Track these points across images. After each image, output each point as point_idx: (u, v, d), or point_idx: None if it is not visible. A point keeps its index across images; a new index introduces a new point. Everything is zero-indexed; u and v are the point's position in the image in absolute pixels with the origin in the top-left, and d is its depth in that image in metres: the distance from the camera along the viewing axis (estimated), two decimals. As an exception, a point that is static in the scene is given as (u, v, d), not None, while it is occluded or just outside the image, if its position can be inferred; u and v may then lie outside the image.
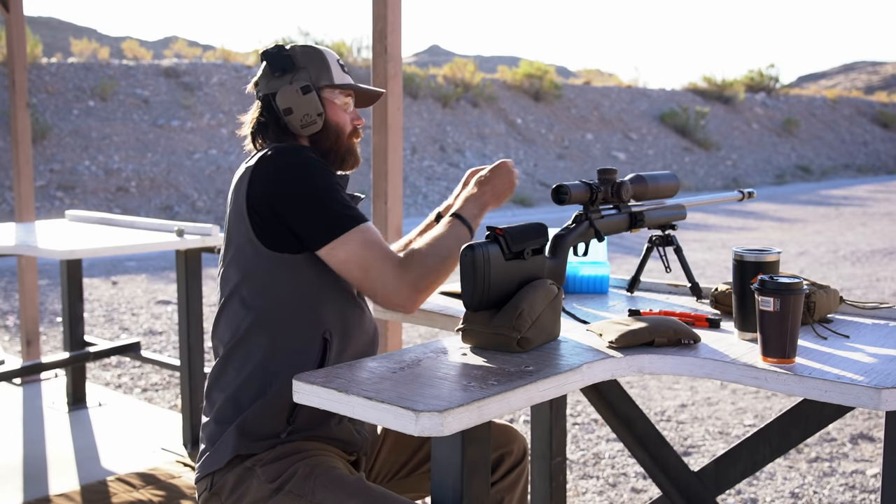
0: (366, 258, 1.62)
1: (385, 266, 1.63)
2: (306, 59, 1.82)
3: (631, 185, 1.93)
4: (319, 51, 1.84)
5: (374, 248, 1.62)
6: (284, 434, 1.63)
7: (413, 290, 1.64)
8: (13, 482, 3.02)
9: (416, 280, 1.63)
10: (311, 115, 1.77)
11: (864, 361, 1.49)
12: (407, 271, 1.63)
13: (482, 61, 33.05)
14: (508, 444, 1.82)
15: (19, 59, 4.39)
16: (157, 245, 3.22)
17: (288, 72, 1.81)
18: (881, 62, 56.48)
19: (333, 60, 1.85)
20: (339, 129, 1.81)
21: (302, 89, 1.77)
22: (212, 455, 1.64)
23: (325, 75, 1.82)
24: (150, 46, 31.29)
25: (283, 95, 1.78)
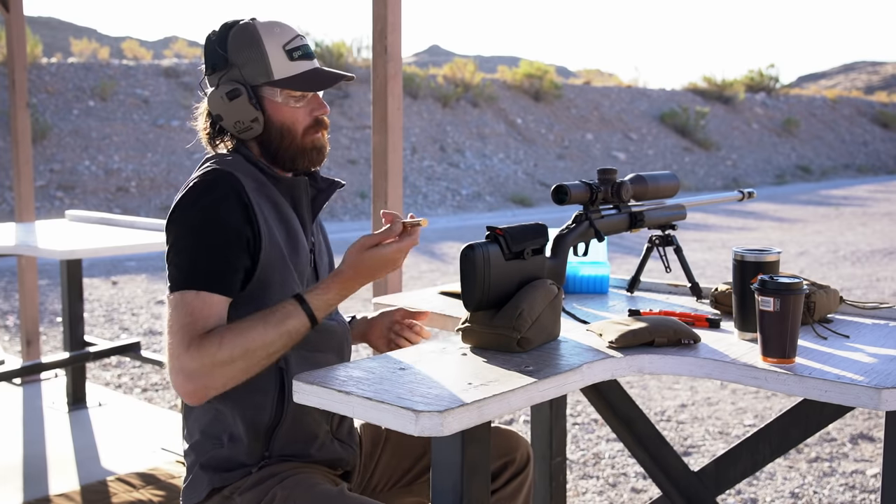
0: (170, 321, 1.45)
1: (175, 337, 1.42)
2: (238, 51, 1.60)
3: (631, 185, 1.93)
4: (255, 38, 1.59)
5: (179, 313, 1.44)
6: (260, 465, 1.58)
7: (190, 377, 1.40)
8: (13, 482, 3.02)
9: (201, 367, 1.40)
10: (244, 121, 1.60)
11: (864, 361, 1.49)
12: (195, 352, 1.41)
13: (482, 61, 33.05)
14: (512, 452, 1.79)
15: (19, 59, 4.39)
16: (158, 245, 3.22)
17: (217, 70, 1.63)
18: (881, 62, 56.47)
19: (276, 47, 1.60)
20: (285, 130, 1.62)
21: (227, 95, 1.59)
22: (190, 486, 1.61)
23: (261, 70, 1.60)
24: (150, 46, 31.28)
25: (211, 101, 1.63)
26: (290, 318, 1.47)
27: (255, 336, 1.44)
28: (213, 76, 1.63)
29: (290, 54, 1.62)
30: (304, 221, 1.66)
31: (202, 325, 1.44)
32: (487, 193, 16.92)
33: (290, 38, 1.63)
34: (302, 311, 1.48)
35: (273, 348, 1.45)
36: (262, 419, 1.57)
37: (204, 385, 1.42)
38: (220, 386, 1.43)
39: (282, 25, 1.64)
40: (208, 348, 1.41)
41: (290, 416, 1.58)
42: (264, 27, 1.62)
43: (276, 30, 1.62)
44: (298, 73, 1.61)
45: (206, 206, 1.50)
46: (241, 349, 1.42)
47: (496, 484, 1.76)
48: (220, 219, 1.49)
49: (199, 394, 1.43)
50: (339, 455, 1.66)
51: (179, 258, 1.48)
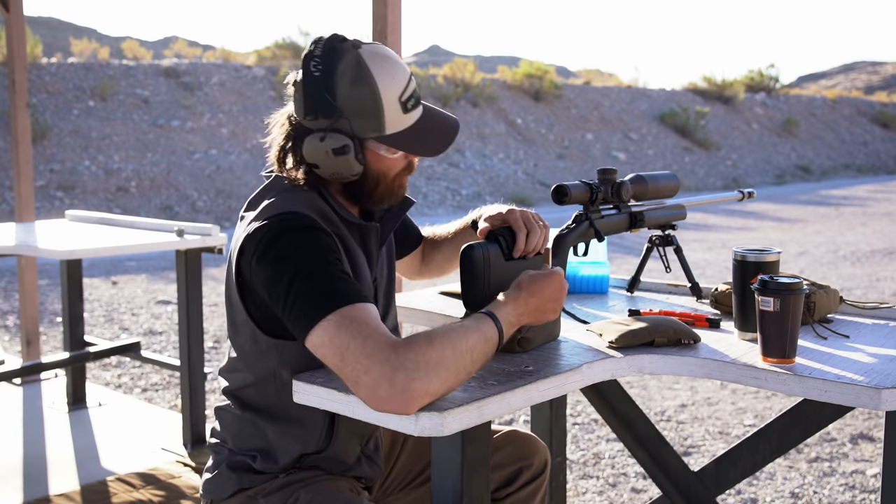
0: (342, 338, 1.29)
1: (368, 346, 1.27)
2: (350, 101, 1.45)
3: (631, 185, 1.93)
4: (371, 88, 1.45)
5: (353, 328, 1.29)
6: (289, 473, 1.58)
7: (407, 384, 1.24)
8: (13, 482, 3.02)
9: (413, 371, 1.24)
10: (343, 174, 1.49)
11: (864, 361, 1.49)
12: (406, 351, 1.26)
13: (482, 61, 33.05)
14: (529, 458, 1.78)
15: (19, 59, 4.39)
16: (157, 245, 3.22)
17: (323, 116, 1.46)
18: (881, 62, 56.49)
19: (392, 100, 1.47)
20: (381, 177, 1.53)
21: (334, 151, 1.45)
22: (215, 481, 1.60)
23: (374, 126, 1.47)
24: (150, 46, 31.30)
25: (309, 149, 1.48)
26: (482, 323, 1.37)
27: (458, 337, 1.31)
28: (316, 122, 1.47)
29: (404, 106, 1.49)
30: (370, 258, 1.61)
31: (385, 329, 1.31)
32: (487, 193, 16.92)
33: (405, 85, 1.49)
34: (489, 318, 1.38)
35: (475, 354, 1.33)
36: (307, 450, 1.55)
37: (425, 385, 1.24)
38: (435, 390, 1.26)
39: (395, 65, 1.49)
40: (419, 346, 1.27)
41: (332, 448, 1.57)
42: (378, 69, 1.46)
43: (393, 75, 1.48)
44: (410, 127, 1.51)
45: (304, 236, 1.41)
46: (450, 348, 1.29)
47: (511, 488, 1.75)
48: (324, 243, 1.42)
49: (417, 396, 1.24)
50: (366, 474, 1.66)
51: (309, 285, 1.35)
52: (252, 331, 1.51)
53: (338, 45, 1.47)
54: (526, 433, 1.84)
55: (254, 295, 1.47)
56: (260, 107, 17.05)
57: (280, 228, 1.42)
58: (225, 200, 13.85)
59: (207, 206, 13.62)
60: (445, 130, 1.56)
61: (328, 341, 1.30)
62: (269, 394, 1.54)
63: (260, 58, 20.07)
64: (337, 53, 1.46)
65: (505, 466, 1.75)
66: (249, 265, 1.43)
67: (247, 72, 18.04)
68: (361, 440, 1.64)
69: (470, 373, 1.32)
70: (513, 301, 1.43)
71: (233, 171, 14.75)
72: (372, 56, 1.47)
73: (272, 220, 1.43)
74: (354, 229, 1.57)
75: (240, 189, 14.24)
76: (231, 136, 15.87)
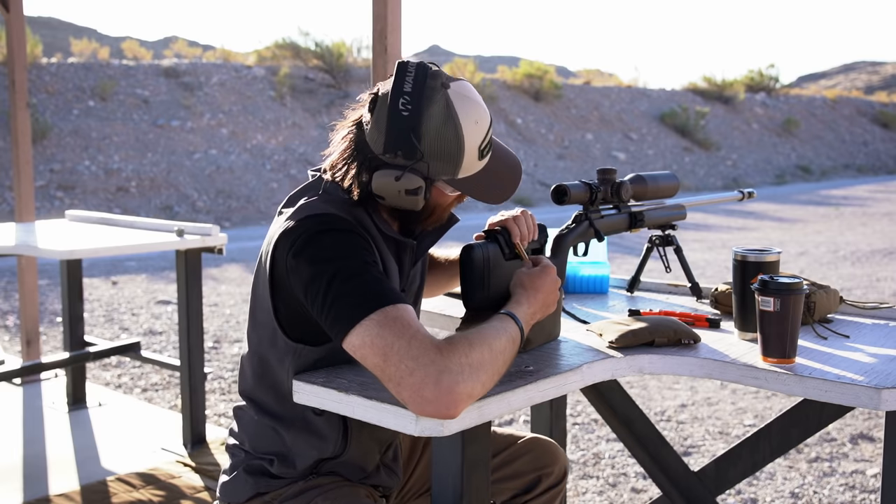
0: (385, 339, 1.27)
1: (413, 348, 1.25)
2: (435, 145, 1.42)
3: (631, 185, 1.93)
4: (457, 136, 1.42)
5: (396, 328, 1.27)
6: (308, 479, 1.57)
7: (452, 387, 1.23)
8: (13, 482, 3.02)
9: (457, 374, 1.23)
10: (405, 207, 1.47)
11: (864, 361, 1.49)
12: (450, 354, 1.25)
13: (482, 61, 33.06)
14: (549, 466, 1.78)
15: (19, 59, 4.39)
16: (157, 245, 3.22)
17: (404, 156, 1.42)
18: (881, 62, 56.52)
19: (473, 147, 1.44)
20: (437, 208, 1.54)
21: (407, 192, 1.43)
22: (231, 485, 1.59)
23: (450, 170, 1.45)
24: (150, 46, 31.30)
25: (380, 183, 1.44)
26: (507, 324, 1.38)
27: (493, 338, 1.32)
28: (395, 159, 1.42)
29: (481, 153, 1.47)
30: (403, 270, 1.59)
31: (426, 332, 1.29)
32: (487, 193, 16.91)
33: (486, 132, 1.46)
34: (510, 319, 1.39)
35: (506, 355, 1.33)
36: (322, 456, 1.55)
37: (469, 388, 1.23)
38: (478, 392, 1.26)
39: (480, 112, 1.46)
40: (461, 348, 1.26)
41: (348, 453, 1.56)
42: (465, 116, 1.43)
43: (477, 122, 1.45)
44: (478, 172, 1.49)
45: (342, 236, 1.40)
46: (488, 350, 1.29)
47: (529, 496, 1.75)
48: (362, 245, 1.40)
49: (462, 399, 1.23)
50: (385, 483, 1.65)
51: (350, 285, 1.33)
52: (273, 331, 1.49)
53: (430, 81, 1.43)
54: (547, 440, 1.83)
55: (284, 292, 1.44)
56: (260, 107, 17.05)
57: (318, 228, 1.40)
58: (225, 200, 13.85)
59: (207, 206, 13.62)
60: (511, 177, 1.54)
61: (370, 342, 1.28)
62: (283, 395, 1.53)
63: (260, 58, 20.07)
64: (427, 93, 1.42)
65: (525, 474, 1.75)
66: (284, 262, 1.41)
67: (247, 72, 18.04)
68: (381, 448, 1.62)
69: (502, 374, 1.33)
70: (526, 300, 1.46)
71: (233, 171, 14.75)
72: (460, 99, 1.44)
73: (310, 220, 1.42)
74: (391, 242, 1.55)
75: (240, 189, 14.24)
76: (231, 136, 15.87)
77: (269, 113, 16.96)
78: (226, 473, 1.62)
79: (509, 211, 1.66)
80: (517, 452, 1.76)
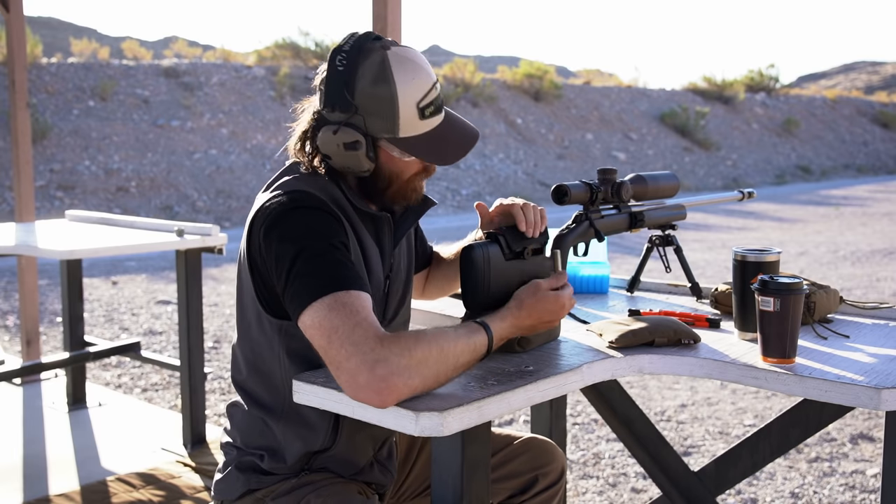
0: (332, 321, 1.30)
1: (357, 334, 1.28)
2: (367, 99, 1.45)
3: (631, 185, 1.93)
4: (389, 88, 1.44)
5: (343, 313, 1.30)
6: (300, 475, 1.58)
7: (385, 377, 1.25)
8: (13, 482, 3.02)
9: (394, 366, 1.25)
10: (354, 169, 1.50)
11: (864, 361, 1.49)
12: (392, 345, 1.27)
13: (482, 61, 33.05)
14: (547, 465, 1.77)
15: (19, 59, 4.39)
16: (157, 245, 3.22)
17: (339, 110, 1.47)
18: (881, 62, 56.52)
19: (410, 104, 1.46)
20: (393, 177, 1.54)
21: (345, 145, 1.46)
22: (224, 482, 1.60)
23: (388, 127, 1.47)
24: (150, 46, 31.29)
25: (323, 139, 1.48)
26: (475, 333, 1.38)
27: (448, 340, 1.33)
28: (332, 114, 1.47)
29: (421, 112, 1.48)
30: (383, 250, 1.60)
31: (374, 321, 1.31)
32: (487, 193, 16.92)
33: (426, 93, 1.48)
34: (482, 329, 1.39)
35: (461, 360, 1.34)
36: (311, 448, 1.55)
37: (404, 381, 1.25)
38: (413, 387, 1.27)
39: (419, 70, 1.48)
40: (406, 342, 1.28)
41: (339, 446, 1.56)
42: (400, 72, 1.46)
43: (414, 79, 1.47)
44: (425, 133, 1.50)
45: (311, 216, 1.42)
46: (437, 349, 1.30)
47: (525, 496, 1.74)
48: (330, 225, 1.43)
49: (395, 391, 1.25)
50: (378, 480, 1.65)
51: (309, 265, 1.36)
52: (257, 311, 1.51)
53: (368, 43, 1.48)
54: (544, 440, 1.83)
55: (260, 269, 1.47)
56: (260, 107, 17.05)
57: (289, 206, 1.43)
58: (225, 200, 13.85)
59: (207, 206, 13.62)
60: (462, 141, 1.55)
61: (318, 323, 1.31)
62: (274, 385, 1.54)
63: (260, 58, 20.07)
64: (364, 51, 1.47)
65: (522, 474, 1.75)
66: (258, 240, 1.45)
67: (247, 72, 18.04)
68: (375, 444, 1.63)
69: (451, 378, 1.34)
70: (512, 317, 1.45)
71: (233, 171, 14.75)
72: (398, 58, 1.47)
73: (282, 197, 1.45)
74: (368, 220, 1.57)
75: (240, 189, 14.24)
76: (231, 136, 15.87)
77: (269, 113, 16.96)
78: (219, 472, 1.63)
79: (518, 199, 1.66)
80: (514, 452, 1.76)
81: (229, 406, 1.64)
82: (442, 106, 1.54)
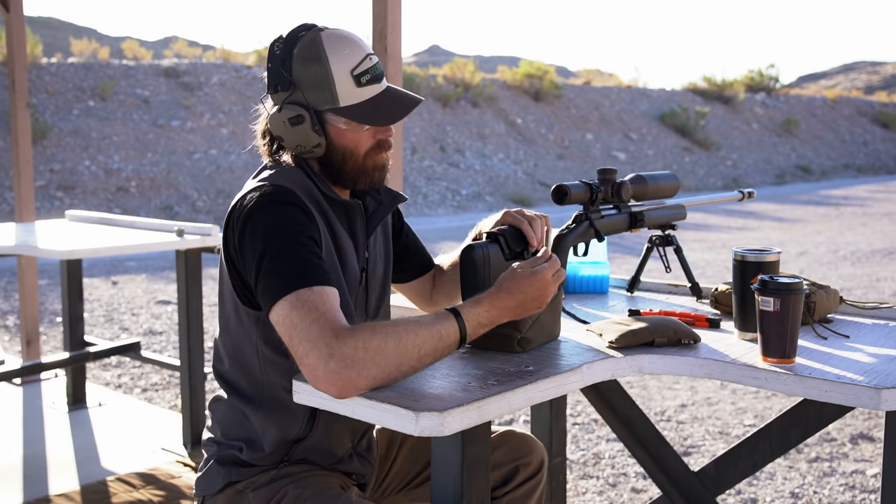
0: (292, 319, 1.35)
1: (315, 330, 1.32)
2: (303, 73, 1.53)
3: (631, 185, 1.93)
4: (322, 61, 1.52)
5: (304, 310, 1.34)
6: (279, 466, 1.59)
7: (346, 364, 1.29)
8: (13, 482, 3.02)
9: (348, 360, 1.29)
10: (306, 146, 1.55)
11: (864, 361, 1.49)
12: (348, 338, 1.31)
13: (482, 61, 33.05)
14: (526, 456, 1.78)
15: (19, 59, 4.39)
16: (157, 245, 3.22)
17: (280, 90, 1.55)
18: (881, 62, 56.52)
19: (343, 72, 1.52)
20: (347, 153, 1.57)
21: (290, 121, 1.53)
22: (205, 477, 1.62)
23: (327, 97, 1.53)
24: (150, 46, 31.29)
25: (273, 122, 1.56)
26: (440, 320, 1.38)
27: (407, 329, 1.35)
28: (276, 96, 1.55)
29: (357, 80, 1.53)
30: (357, 241, 1.63)
31: (334, 315, 1.35)
32: (487, 193, 16.92)
33: (359, 62, 1.54)
34: (451, 316, 1.40)
35: (424, 349, 1.35)
36: (288, 436, 1.57)
37: (358, 374, 1.29)
38: (372, 378, 1.31)
39: (350, 43, 1.55)
40: (361, 335, 1.31)
41: (316, 434, 1.58)
42: (332, 46, 1.53)
43: (345, 51, 1.53)
44: (365, 101, 1.54)
45: (280, 211, 1.46)
46: (394, 339, 1.32)
47: (507, 487, 1.75)
48: (299, 221, 1.46)
49: (350, 383, 1.30)
50: (357, 470, 1.67)
51: (275, 263, 1.40)
52: (235, 303, 1.55)
53: (303, 30, 1.57)
54: (522, 433, 1.84)
55: (235, 262, 1.52)
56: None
57: (259, 202, 1.47)
58: (225, 200, 13.85)
59: (207, 206, 13.62)
60: (402, 103, 1.59)
61: (282, 320, 1.37)
62: (253, 375, 1.56)
63: (260, 58, 20.05)
64: (298, 35, 1.55)
65: (502, 466, 1.76)
66: (233, 235, 1.50)
67: (247, 72, 18.04)
68: (353, 436, 1.65)
69: (416, 368, 1.36)
70: (488, 300, 1.44)
71: (233, 171, 14.75)
72: (329, 36, 1.55)
73: (254, 192, 1.50)
74: (339, 208, 1.60)
75: (240, 189, 14.22)
76: (231, 136, 15.87)
77: (269, 113, 16.94)
78: (200, 469, 1.65)
79: (528, 211, 1.68)
80: (493, 445, 1.76)
81: (211, 402, 1.67)
82: (381, 77, 1.59)
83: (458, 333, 1.39)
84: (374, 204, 1.68)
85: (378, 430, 1.81)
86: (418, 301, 1.91)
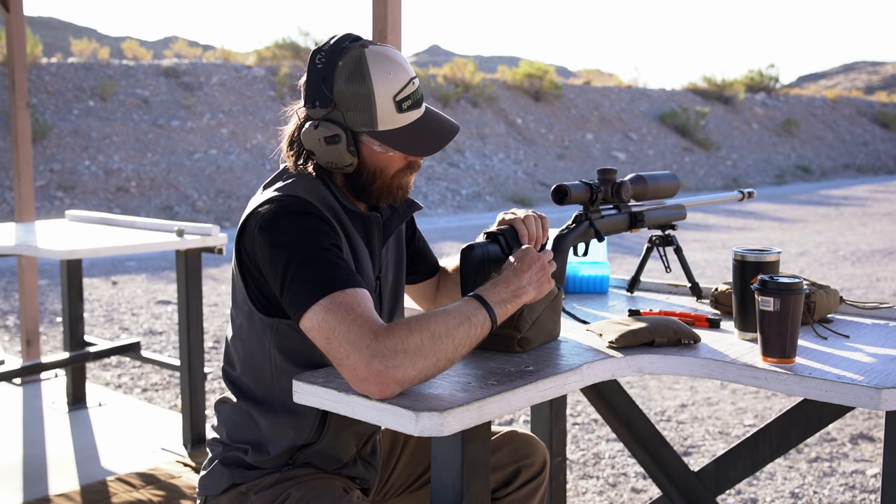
0: (329, 322, 1.34)
1: (354, 332, 1.32)
2: (345, 94, 1.50)
3: (631, 185, 1.93)
4: (366, 83, 1.49)
5: (340, 313, 1.34)
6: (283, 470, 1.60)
7: (382, 371, 1.28)
8: (13, 482, 3.02)
9: (391, 358, 1.29)
10: (337, 164, 1.54)
11: (864, 361, 1.49)
12: (387, 339, 1.30)
13: (482, 61, 33.05)
14: (528, 457, 1.78)
15: (19, 59, 4.39)
16: (157, 245, 3.22)
17: (320, 105, 1.52)
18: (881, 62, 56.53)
19: (386, 97, 1.50)
20: (377, 172, 1.56)
21: (326, 139, 1.51)
22: (209, 477, 1.62)
23: (366, 120, 1.51)
24: (150, 46, 31.30)
25: (306, 135, 1.53)
26: (466, 305, 1.39)
27: (438, 321, 1.35)
28: (313, 111, 1.53)
29: (398, 105, 1.52)
30: (373, 251, 1.63)
31: (370, 315, 1.35)
32: (487, 193, 16.92)
33: (402, 87, 1.52)
34: (476, 300, 1.40)
35: (458, 338, 1.35)
36: (297, 442, 1.57)
37: (403, 372, 1.29)
38: (413, 377, 1.30)
39: (396, 66, 1.52)
40: (399, 333, 1.31)
41: (324, 441, 1.58)
42: (376, 67, 1.50)
43: (390, 74, 1.51)
44: (403, 126, 1.53)
45: (302, 221, 1.45)
46: (428, 334, 1.32)
47: (509, 488, 1.75)
48: (321, 229, 1.46)
49: (394, 381, 1.29)
50: (361, 475, 1.67)
51: (303, 270, 1.39)
52: (249, 309, 1.54)
53: (347, 43, 1.54)
54: (525, 433, 1.84)
55: (251, 270, 1.51)
56: (260, 107, 17.05)
57: (280, 210, 1.46)
58: (225, 200, 13.84)
59: (207, 206, 13.62)
60: (441, 133, 1.58)
61: (317, 325, 1.36)
62: (264, 381, 1.56)
63: (260, 58, 20.07)
64: (342, 50, 1.52)
65: (504, 467, 1.76)
66: (251, 245, 1.49)
67: (247, 72, 18.03)
68: (359, 441, 1.65)
69: (453, 358, 1.36)
70: (504, 281, 1.46)
71: (233, 171, 14.74)
72: (374, 55, 1.52)
73: (273, 202, 1.49)
74: (357, 220, 1.60)
75: (240, 189, 14.24)
76: (231, 136, 15.86)
77: (269, 113, 16.95)
78: (204, 468, 1.65)
79: (521, 209, 1.69)
80: (495, 445, 1.76)
81: (217, 402, 1.67)
82: (421, 101, 1.57)
83: (488, 314, 1.40)
84: (389, 212, 1.67)
85: (382, 431, 1.81)
86: (421, 301, 1.92)
